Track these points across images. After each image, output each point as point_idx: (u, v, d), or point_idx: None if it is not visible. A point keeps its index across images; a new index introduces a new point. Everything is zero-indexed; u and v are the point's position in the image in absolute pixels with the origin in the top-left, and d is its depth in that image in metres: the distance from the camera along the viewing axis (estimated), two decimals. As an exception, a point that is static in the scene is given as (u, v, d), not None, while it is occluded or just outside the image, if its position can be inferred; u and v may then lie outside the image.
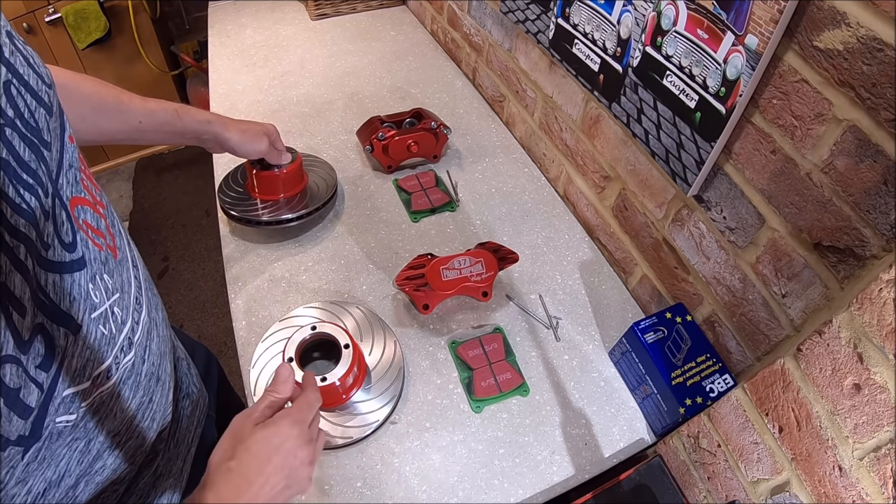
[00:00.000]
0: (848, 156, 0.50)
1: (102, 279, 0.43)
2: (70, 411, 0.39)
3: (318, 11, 1.45)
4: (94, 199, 0.45)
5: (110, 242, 0.46)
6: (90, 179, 0.46)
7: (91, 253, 0.42)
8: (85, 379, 0.40)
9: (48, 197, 0.37)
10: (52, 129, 0.40)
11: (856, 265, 0.52)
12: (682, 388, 0.67)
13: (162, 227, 2.12)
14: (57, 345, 0.37)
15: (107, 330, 0.43)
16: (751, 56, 0.55)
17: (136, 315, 0.48)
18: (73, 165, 0.43)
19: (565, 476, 0.67)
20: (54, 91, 0.42)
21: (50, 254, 0.37)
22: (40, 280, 0.36)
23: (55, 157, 0.40)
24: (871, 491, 0.43)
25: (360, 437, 0.68)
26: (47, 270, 0.36)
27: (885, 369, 0.40)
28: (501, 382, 0.74)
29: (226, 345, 1.75)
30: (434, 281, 0.77)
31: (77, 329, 0.39)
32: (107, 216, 0.47)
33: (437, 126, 1.00)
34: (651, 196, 0.79)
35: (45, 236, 0.36)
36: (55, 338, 0.36)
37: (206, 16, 1.49)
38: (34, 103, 0.38)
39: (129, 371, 0.47)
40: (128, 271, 0.48)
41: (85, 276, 0.40)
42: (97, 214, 0.45)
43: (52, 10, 1.78)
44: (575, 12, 0.82)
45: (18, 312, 0.33)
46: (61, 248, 0.38)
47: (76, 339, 0.39)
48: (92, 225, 0.43)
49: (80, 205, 0.42)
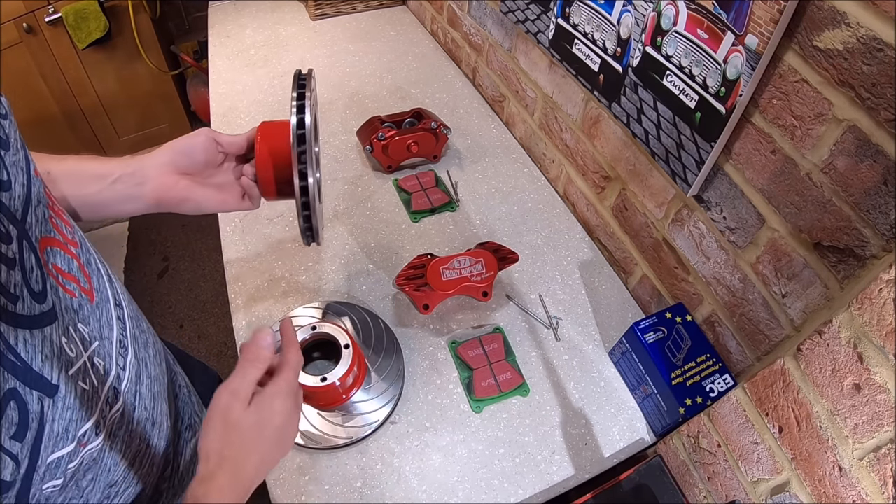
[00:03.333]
0: (848, 156, 0.50)
1: (77, 329, 0.39)
2: (56, 476, 0.36)
3: (318, 11, 1.45)
4: (65, 238, 0.41)
5: (85, 285, 0.42)
6: (60, 216, 0.42)
7: (62, 302, 0.38)
8: (69, 441, 0.37)
9: (11, 243, 0.34)
10: (10, 164, 0.35)
11: (856, 265, 0.52)
12: (682, 388, 0.67)
13: (162, 227, 2.12)
14: (31, 410, 0.33)
15: (87, 385, 0.39)
16: (751, 56, 0.55)
17: (120, 361, 0.45)
18: (41, 201, 0.39)
19: (565, 476, 0.67)
20: (11, 121, 0.37)
21: (19, 307, 0.33)
22: (9, 339, 0.32)
23: (19, 194, 0.36)
24: (871, 491, 0.43)
25: (360, 437, 0.68)
26: (16, 327, 0.33)
27: (885, 369, 0.40)
28: (501, 382, 0.74)
29: (226, 345, 1.74)
30: (434, 281, 0.77)
31: (53, 391, 0.35)
32: (80, 255, 0.43)
33: (437, 126, 1.00)
34: (651, 196, 0.79)
35: (11, 287, 0.33)
36: (28, 403, 0.33)
37: (206, 16, 1.49)
38: None
39: (119, 422, 0.44)
40: (108, 313, 0.45)
41: (56, 329, 0.36)
42: (68, 255, 0.41)
43: (52, 10, 1.78)
44: (575, 12, 0.82)
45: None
46: (31, 298, 0.34)
47: (54, 402, 0.35)
48: (62, 269, 0.40)
49: (49, 247, 0.38)
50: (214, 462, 0.43)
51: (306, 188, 0.50)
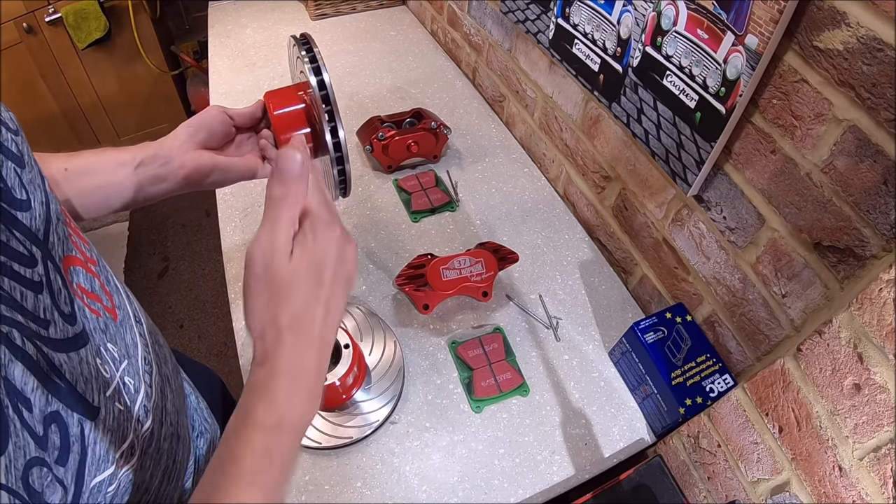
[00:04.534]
0: (848, 156, 0.50)
1: (107, 350, 0.38)
2: (97, 500, 0.35)
3: (318, 11, 1.45)
4: (85, 256, 0.40)
5: (107, 304, 0.41)
6: (77, 233, 0.40)
7: (90, 323, 0.37)
8: (109, 463, 0.36)
9: (36, 266, 0.32)
10: (27, 182, 0.34)
11: (856, 265, 0.52)
12: (682, 388, 0.67)
13: (162, 227, 2.12)
14: (71, 434, 0.32)
15: (122, 405, 0.38)
16: (751, 56, 0.55)
17: (146, 378, 0.43)
18: (59, 218, 0.37)
19: (565, 476, 0.67)
20: (22, 137, 0.35)
21: (52, 331, 0.32)
22: (52, 361, 0.31)
23: (40, 213, 0.34)
24: (871, 491, 0.43)
25: (360, 437, 0.68)
26: (55, 350, 0.32)
27: (885, 369, 0.40)
28: (501, 382, 0.74)
29: (226, 345, 1.75)
30: (434, 281, 0.77)
31: (94, 413, 0.34)
32: (100, 274, 0.41)
33: (437, 126, 1.00)
34: (651, 196, 0.79)
35: (40, 312, 0.32)
36: (69, 426, 0.32)
37: (206, 16, 1.49)
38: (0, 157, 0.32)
39: (149, 440, 0.42)
40: (131, 330, 0.43)
41: (91, 351, 0.35)
42: (90, 274, 0.39)
43: (52, 10, 1.78)
44: (575, 12, 0.82)
45: (26, 408, 0.29)
46: (62, 321, 0.33)
47: (94, 425, 0.34)
48: (86, 288, 0.38)
49: (72, 266, 0.37)
50: (272, 336, 0.36)
51: (339, 144, 0.49)
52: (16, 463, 0.26)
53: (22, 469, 0.27)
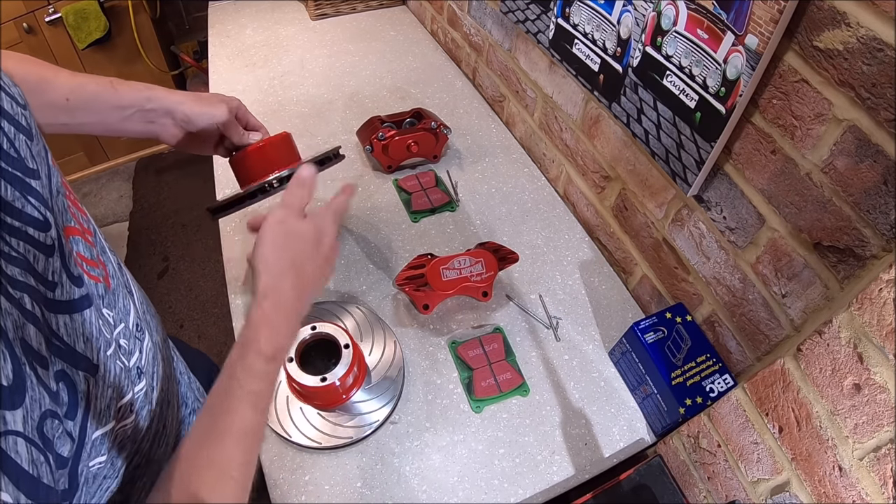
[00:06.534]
0: (848, 156, 0.50)
1: (106, 313, 0.42)
2: (101, 453, 0.39)
3: (318, 11, 1.45)
4: (83, 227, 0.43)
5: (102, 272, 0.44)
6: (76, 205, 0.44)
7: (91, 287, 0.40)
8: (111, 417, 0.40)
9: (49, 230, 0.35)
10: (35, 154, 0.37)
11: (856, 265, 0.52)
12: (682, 388, 0.67)
13: (162, 227, 2.12)
14: (79, 390, 0.36)
15: (121, 363, 0.42)
16: (751, 56, 0.55)
17: (138, 344, 0.47)
18: (59, 191, 0.40)
19: (565, 476, 0.67)
20: (30, 111, 0.38)
21: (58, 293, 0.35)
22: (51, 324, 0.34)
23: (45, 184, 0.37)
24: (871, 491, 0.43)
25: (360, 437, 0.68)
26: (56, 312, 0.35)
27: (885, 369, 0.40)
28: (501, 382, 0.74)
29: (226, 345, 1.74)
30: (434, 281, 0.77)
31: (95, 370, 0.38)
32: (95, 244, 0.45)
33: (437, 126, 1.00)
34: (651, 196, 0.79)
35: (49, 275, 0.34)
36: (76, 383, 0.35)
37: (206, 16, 1.49)
38: (13, 130, 0.34)
39: (143, 400, 0.46)
40: (124, 298, 0.47)
41: (94, 312, 0.39)
42: (87, 244, 0.43)
43: (52, 10, 1.78)
44: (575, 12, 0.82)
45: (41, 365, 0.32)
46: (70, 283, 0.36)
47: (97, 381, 0.38)
48: (86, 256, 0.41)
49: (72, 235, 0.40)
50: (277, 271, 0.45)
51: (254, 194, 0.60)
52: (32, 415, 0.29)
53: (38, 420, 0.29)
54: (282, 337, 0.44)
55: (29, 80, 0.51)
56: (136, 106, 0.57)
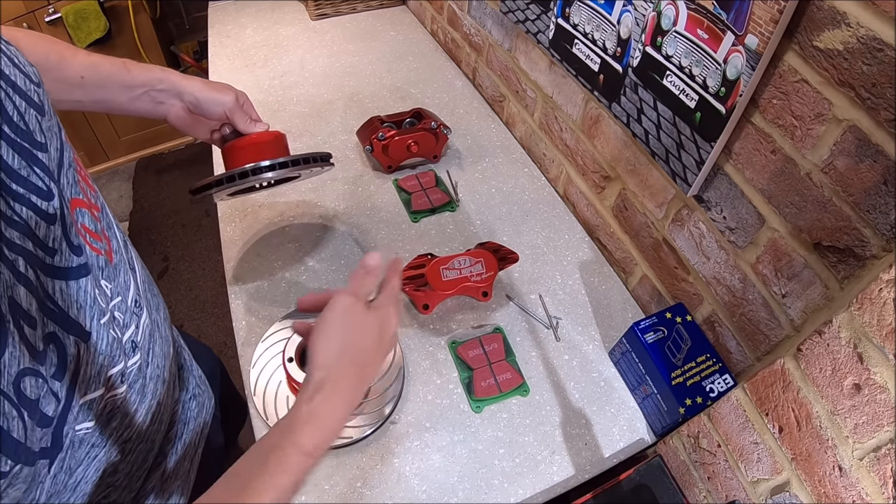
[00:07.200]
0: (848, 156, 0.50)
1: (104, 284, 0.43)
2: (88, 418, 0.40)
3: (318, 11, 1.45)
4: (90, 202, 0.44)
5: (105, 246, 0.45)
6: (86, 181, 0.45)
7: (91, 258, 0.41)
8: (100, 385, 0.41)
9: (52, 199, 0.37)
10: (45, 129, 0.39)
11: (856, 265, 0.52)
12: (682, 388, 0.67)
13: (162, 227, 2.12)
14: (69, 353, 0.36)
15: (115, 334, 0.43)
16: (751, 56, 0.55)
17: (135, 319, 0.48)
18: (71, 165, 0.42)
19: (565, 476, 0.67)
20: (43, 89, 0.40)
21: (57, 259, 0.36)
22: (47, 288, 0.35)
23: (54, 157, 0.39)
24: (871, 491, 0.43)
25: (360, 437, 0.68)
26: (53, 277, 0.36)
27: (885, 369, 0.40)
28: (501, 382, 0.74)
29: (226, 345, 1.74)
30: (434, 281, 0.77)
31: (87, 336, 0.39)
32: (101, 219, 0.46)
33: (437, 126, 1.00)
34: (651, 196, 0.79)
35: (49, 241, 0.36)
36: (66, 346, 0.36)
37: (206, 16, 1.49)
38: (23, 104, 0.37)
39: (137, 374, 0.47)
40: (125, 274, 0.48)
41: (91, 281, 0.40)
42: (93, 218, 0.44)
43: (52, 10, 1.78)
44: (575, 12, 0.82)
45: (29, 325, 0.33)
46: (69, 251, 0.38)
47: (87, 347, 0.39)
48: (90, 229, 0.43)
49: (78, 207, 0.42)
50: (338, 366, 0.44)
51: (232, 177, 0.62)
52: (9, 370, 0.30)
53: (14, 375, 0.31)
54: (326, 433, 0.42)
55: (50, 57, 0.57)
56: (147, 86, 0.61)
